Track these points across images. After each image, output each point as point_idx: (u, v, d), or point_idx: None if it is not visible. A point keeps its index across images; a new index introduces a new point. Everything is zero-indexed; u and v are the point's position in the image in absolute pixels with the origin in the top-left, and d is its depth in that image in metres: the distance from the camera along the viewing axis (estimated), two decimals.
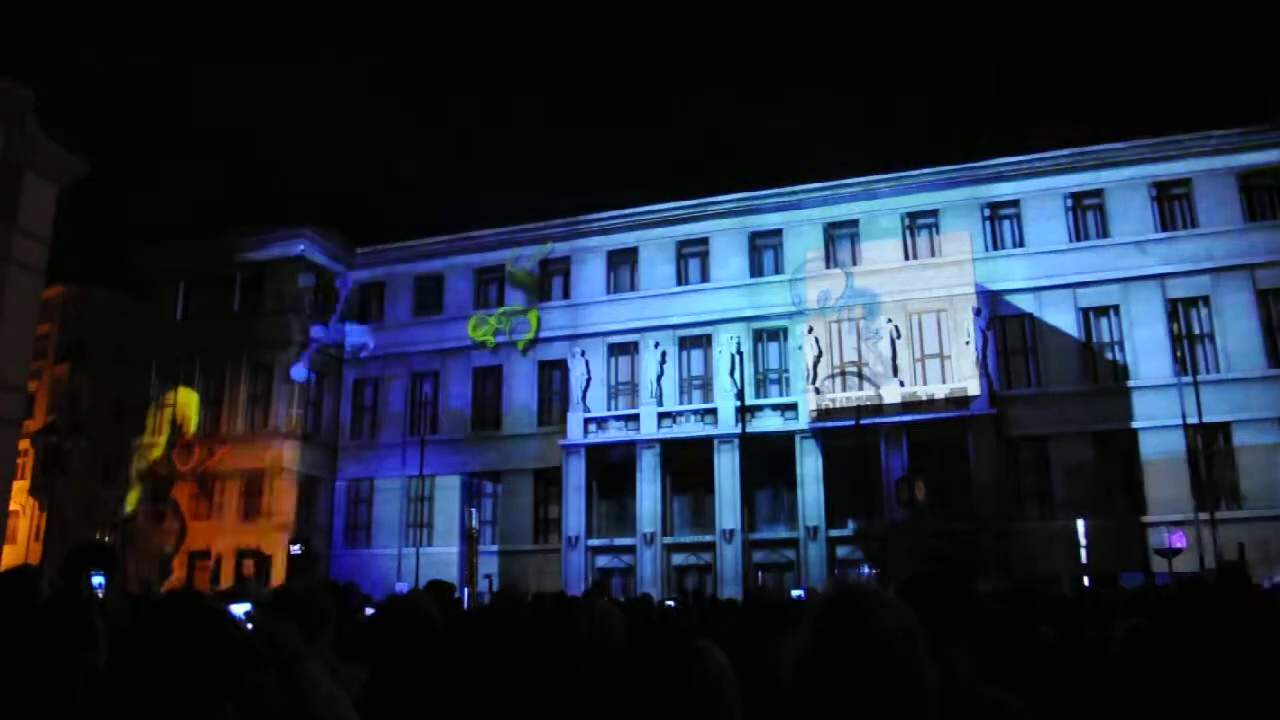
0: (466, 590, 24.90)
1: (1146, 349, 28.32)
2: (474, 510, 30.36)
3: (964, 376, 28.78)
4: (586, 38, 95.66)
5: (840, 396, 29.81)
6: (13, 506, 35.21)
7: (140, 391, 37.56)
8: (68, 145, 28.46)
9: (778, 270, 32.69)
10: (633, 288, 34.32)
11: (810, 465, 29.47)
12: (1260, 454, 26.49)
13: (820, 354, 30.40)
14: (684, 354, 32.75)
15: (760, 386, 31.67)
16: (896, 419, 28.56)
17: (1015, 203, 31.00)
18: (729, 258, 33.22)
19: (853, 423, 28.04)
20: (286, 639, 3.02)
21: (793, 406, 30.22)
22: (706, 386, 32.15)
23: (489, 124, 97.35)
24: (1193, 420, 24.62)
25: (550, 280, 35.99)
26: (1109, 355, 29.20)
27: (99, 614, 2.73)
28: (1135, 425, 28.00)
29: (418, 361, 36.29)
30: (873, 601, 1.72)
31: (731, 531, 29.21)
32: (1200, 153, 29.30)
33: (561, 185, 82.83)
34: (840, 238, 32.51)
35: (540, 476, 33.62)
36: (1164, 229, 29.52)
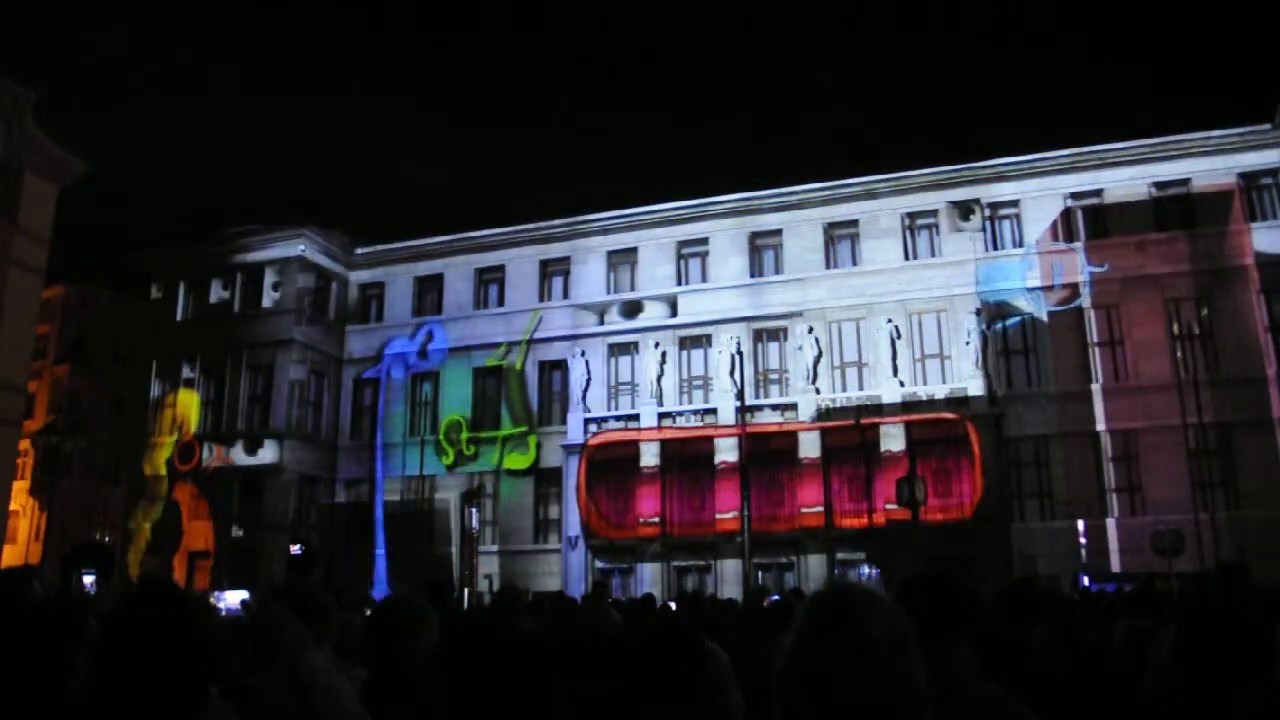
0: (466, 591, 24.88)
1: (1146, 349, 28.29)
2: (473, 510, 30.31)
3: (964, 376, 28.78)
4: (587, 38, 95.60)
5: (840, 396, 29.80)
6: (13, 506, 35.22)
7: (140, 391, 37.55)
8: (68, 145, 28.46)
9: (778, 270, 32.67)
10: (632, 288, 34.29)
11: (810, 465, 29.43)
12: (1260, 454, 26.46)
13: (820, 354, 30.39)
14: (684, 354, 32.72)
15: (760, 386, 31.64)
16: (896, 419, 28.54)
17: (1015, 203, 30.97)
18: (729, 258, 33.19)
19: (853, 423, 28.02)
20: (286, 630, 2.99)
21: (793, 406, 30.19)
22: (706, 386, 32.13)
23: (489, 124, 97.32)
24: (1193, 420, 24.60)
25: (550, 280, 35.99)
26: (1110, 355, 29.17)
27: (91, 613, 2.72)
28: (1135, 425, 27.97)
29: (418, 362, 36.26)
30: (860, 601, 1.69)
31: (731, 532, 29.17)
32: (1200, 153, 29.26)
33: (562, 185, 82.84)
34: (840, 238, 32.49)
35: (540, 477, 33.61)
36: (1163, 229, 29.48)
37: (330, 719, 2.95)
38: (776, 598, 10.48)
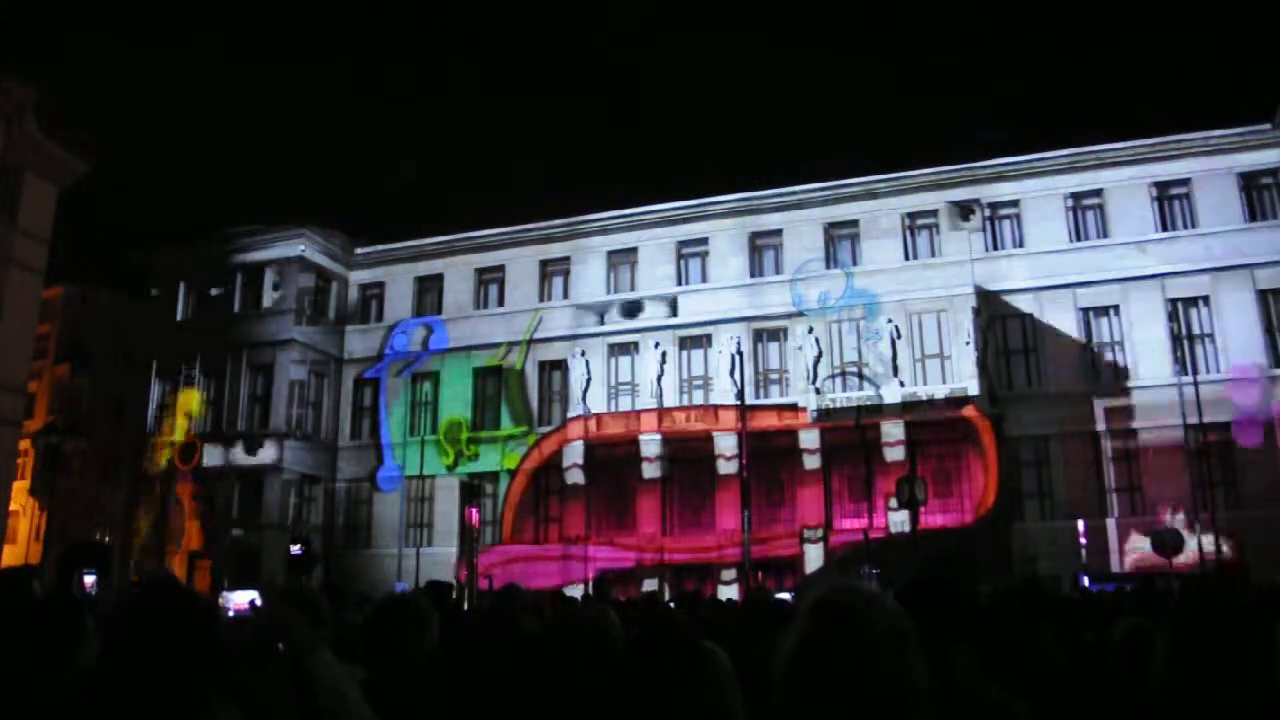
0: (466, 591, 24.85)
1: (1146, 349, 28.29)
2: (473, 510, 30.29)
3: (964, 376, 28.75)
4: (588, 38, 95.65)
5: (840, 396, 29.78)
6: (13, 506, 35.19)
7: (140, 391, 37.53)
8: (68, 145, 28.44)
9: (778, 270, 32.66)
10: (632, 288, 34.28)
11: (810, 465, 29.41)
12: (1261, 454, 26.45)
13: (820, 354, 30.37)
14: (684, 354, 32.70)
15: (760, 386, 31.63)
16: (896, 419, 28.52)
17: (1015, 203, 30.98)
18: (729, 258, 33.19)
19: (853, 423, 28.00)
20: (296, 628, 3.00)
21: (793, 406, 30.18)
22: (706, 386, 32.11)
23: (490, 125, 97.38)
24: (1193, 420, 24.59)
25: (550, 280, 35.99)
26: (1109, 355, 29.17)
27: (90, 612, 2.72)
28: (1135, 425, 27.97)
29: (417, 360, 36.27)
30: (860, 602, 1.69)
31: (732, 531, 29.15)
32: (1200, 153, 29.27)
33: (563, 185, 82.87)
34: (840, 238, 32.48)
35: (540, 476, 33.60)
36: (1164, 229, 29.49)
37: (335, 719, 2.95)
38: (782, 597, 10.43)
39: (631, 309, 33.26)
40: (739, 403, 28.74)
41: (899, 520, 26.87)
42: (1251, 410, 26.37)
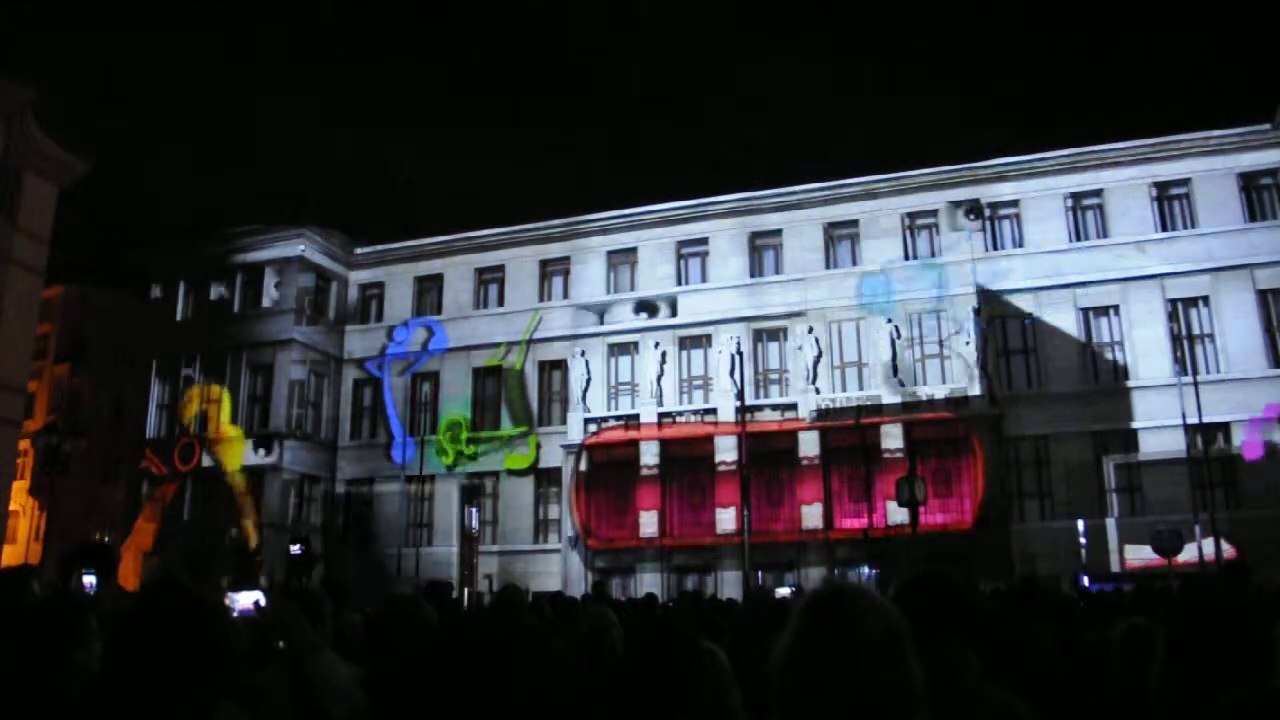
0: (466, 591, 24.88)
1: (1146, 349, 28.29)
2: (473, 510, 30.28)
3: (964, 376, 28.75)
4: (587, 38, 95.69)
5: (840, 396, 29.76)
6: (13, 506, 35.20)
7: (140, 391, 37.52)
8: (68, 145, 28.44)
9: (778, 270, 32.66)
10: (632, 288, 34.27)
11: (810, 465, 29.39)
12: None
13: (820, 354, 30.36)
14: (684, 354, 32.67)
15: (760, 386, 31.60)
16: (896, 419, 28.51)
17: (1015, 203, 30.98)
18: (729, 258, 33.17)
19: (853, 422, 27.98)
20: (296, 628, 3.01)
21: (793, 406, 30.16)
22: (706, 386, 32.08)
23: (490, 125, 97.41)
24: (1193, 420, 24.60)
25: (550, 280, 35.99)
26: (1109, 355, 29.17)
27: (92, 613, 2.72)
28: (1135, 425, 27.97)
29: (418, 361, 36.27)
30: (854, 602, 1.68)
31: (731, 531, 29.14)
32: (1200, 153, 29.27)
33: (564, 185, 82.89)
34: (840, 238, 32.48)
35: (540, 476, 33.60)
36: (1164, 229, 29.50)
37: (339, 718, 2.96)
38: (783, 594, 10.42)
39: (638, 307, 32.99)
40: (739, 403, 28.72)
41: (898, 520, 26.90)
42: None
